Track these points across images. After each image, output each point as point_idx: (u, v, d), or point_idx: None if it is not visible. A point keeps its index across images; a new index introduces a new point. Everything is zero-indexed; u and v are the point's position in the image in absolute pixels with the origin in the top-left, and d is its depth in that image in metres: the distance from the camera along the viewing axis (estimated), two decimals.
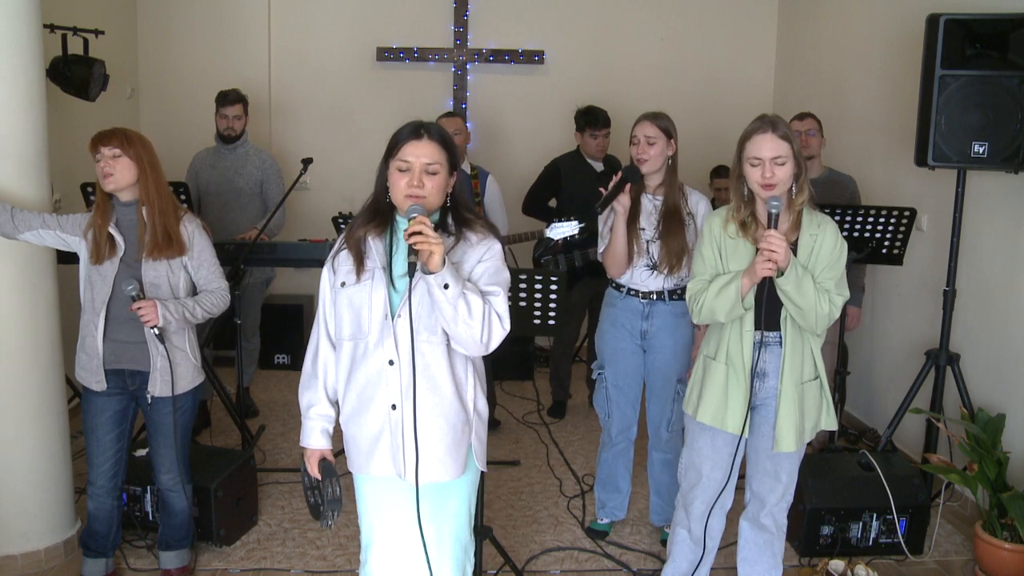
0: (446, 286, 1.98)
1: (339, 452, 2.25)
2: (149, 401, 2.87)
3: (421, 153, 2.08)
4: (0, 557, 3.14)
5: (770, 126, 2.52)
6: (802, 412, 2.62)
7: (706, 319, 2.64)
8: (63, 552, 3.26)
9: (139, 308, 2.73)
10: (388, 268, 2.14)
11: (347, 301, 2.15)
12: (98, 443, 2.92)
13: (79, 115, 4.58)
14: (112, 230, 2.82)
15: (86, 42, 4.37)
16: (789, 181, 2.52)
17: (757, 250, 2.49)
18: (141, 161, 2.81)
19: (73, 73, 4.27)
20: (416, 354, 2.09)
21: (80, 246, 2.86)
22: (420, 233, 1.94)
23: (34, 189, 3.08)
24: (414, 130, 2.11)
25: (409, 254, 1.98)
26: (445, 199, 2.15)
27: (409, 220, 1.98)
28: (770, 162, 2.49)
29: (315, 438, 2.25)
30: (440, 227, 2.14)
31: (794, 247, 2.55)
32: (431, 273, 1.98)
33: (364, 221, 2.19)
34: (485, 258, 2.13)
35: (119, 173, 2.78)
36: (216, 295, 2.93)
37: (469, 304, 2.01)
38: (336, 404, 2.25)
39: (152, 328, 2.76)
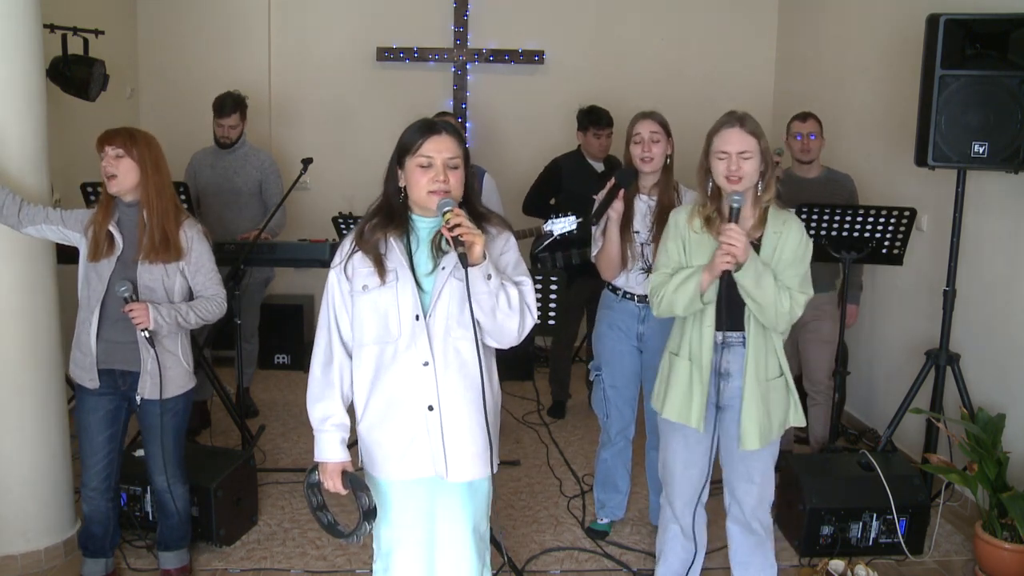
0: (489, 276, 1.97)
1: (352, 444, 2.23)
2: (138, 402, 2.87)
3: (442, 148, 2.07)
4: (0, 557, 3.14)
5: (738, 121, 2.54)
6: (767, 410, 2.63)
7: (665, 312, 2.65)
8: (63, 552, 3.26)
9: (130, 310, 2.72)
10: (411, 268, 2.12)
11: (371, 305, 2.11)
12: (90, 443, 2.92)
13: (79, 115, 4.58)
14: (112, 228, 2.82)
15: (86, 42, 4.37)
16: (754, 177, 2.53)
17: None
18: (144, 163, 2.79)
19: (73, 73, 4.27)
20: (449, 353, 2.07)
21: (81, 242, 2.86)
22: (460, 224, 1.93)
23: (34, 189, 3.08)
24: (430, 126, 2.09)
25: (456, 246, 1.95)
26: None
27: (443, 214, 1.97)
28: (736, 156, 2.50)
29: (334, 450, 2.17)
30: None
31: (758, 244, 2.56)
32: (473, 264, 1.96)
33: (379, 223, 2.15)
34: (506, 250, 2.14)
35: (122, 175, 2.78)
36: (212, 302, 2.89)
37: (508, 295, 2.01)
38: (351, 412, 2.21)
39: (143, 331, 2.75)
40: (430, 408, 2.09)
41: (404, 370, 2.10)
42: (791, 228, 2.57)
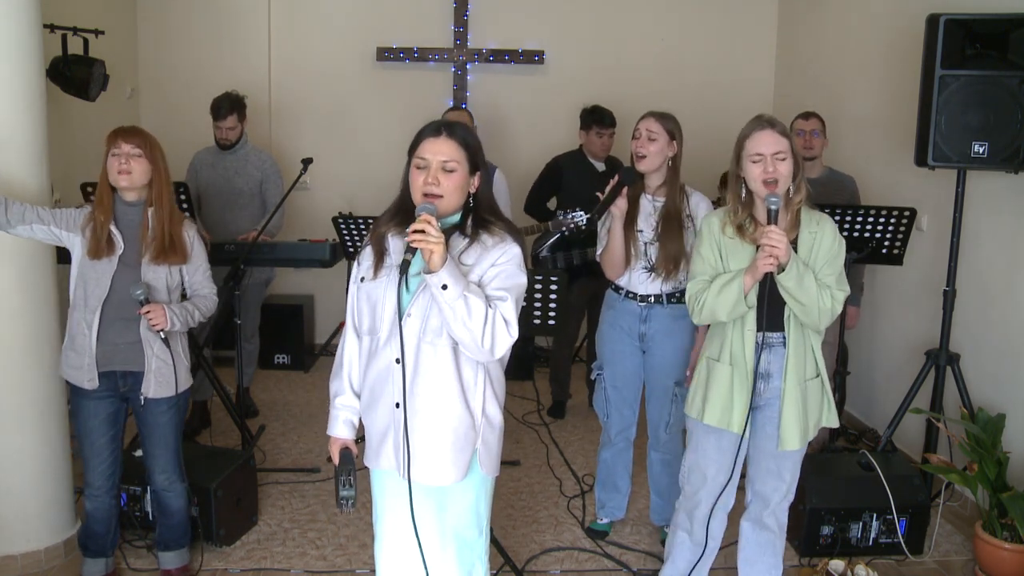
0: (444, 287, 1.97)
1: (360, 439, 2.27)
2: (142, 403, 2.87)
3: (438, 150, 2.08)
4: (0, 557, 3.14)
5: (769, 124, 2.55)
6: (805, 410, 2.64)
7: (707, 319, 2.64)
8: (63, 552, 3.26)
9: (148, 312, 2.74)
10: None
11: (365, 296, 2.17)
12: (93, 446, 2.92)
13: (79, 115, 4.58)
14: (112, 227, 2.82)
15: (86, 42, 4.37)
16: (789, 178, 2.53)
17: (758, 248, 2.50)
18: (157, 165, 2.83)
19: (73, 73, 4.27)
20: (420, 355, 2.09)
21: (75, 241, 2.84)
22: (422, 232, 1.94)
23: (34, 189, 3.08)
24: (435, 128, 2.11)
25: (406, 251, 1.99)
26: (467, 200, 2.14)
27: (417, 218, 1.98)
28: (771, 157, 2.50)
29: (338, 427, 2.26)
30: (459, 228, 2.13)
31: (793, 245, 2.55)
32: (430, 273, 1.97)
33: (388, 219, 2.20)
34: (499, 262, 2.11)
35: (136, 174, 2.79)
36: (208, 300, 2.97)
37: (469, 306, 1.99)
38: (359, 396, 2.26)
39: (159, 332, 2.78)
40: (397, 405, 2.12)
41: (382, 364, 2.14)
42: (825, 228, 2.59)
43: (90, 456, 2.94)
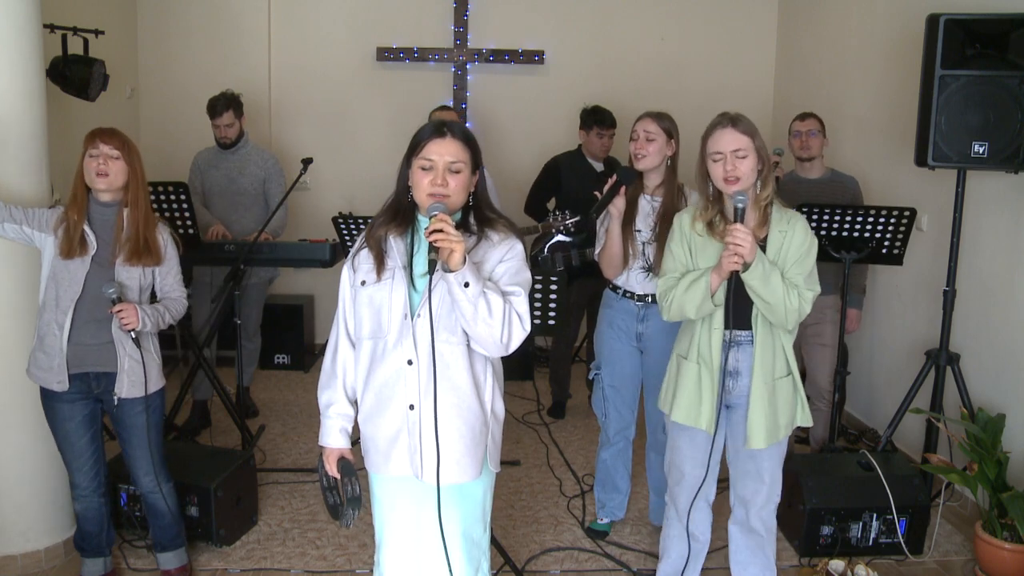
0: (466, 284, 1.97)
1: (355, 441, 2.25)
2: (115, 403, 2.86)
3: (445, 151, 2.07)
4: (0, 557, 3.14)
5: (730, 121, 2.55)
6: (774, 409, 2.63)
7: (676, 316, 2.65)
8: (63, 552, 3.26)
9: (120, 311, 2.73)
10: (409, 267, 2.13)
11: (367, 300, 2.14)
12: (72, 448, 2.91)
13: (79, 115, 4.57)
14: (85, 228, 2.81)
15: (86, 42, 4.37)
16: (752, 175, 2.53)
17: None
18: (135, 168, 2.83)
19: (73, 73, 4.27)
20: (435, 354, 2.08)
21: (47, 241, 2.83)
22: (441, 231, 1.93)
23: (34, 189, 3.08)
24: (437, 128, 2.10)
25: (429, 251, 1.98)
26: (468, 198, 2.14)
27: (430, 218, 1.98)
28: (731, 155, 2.51)
29: (334, 437, 2.24)
30: (462, 226, 2.13)
31: (763, 243, 2.56)
32: (452, 271, 1.96)
33: (385, 220, 2.18)
34: (507, 258, 2.12)
35: (114, 175, 2.79)
36: (179, 303, 2.97)
37: (489, 303, 2.00)
38: (355, 403, 2.24)
39: (130, 331, 2.76)
40: (411, 407, 2.12)
41: (391, 367, 2.13)
42: (796, 226, 2.58)
43: (72, 458, 2.93)
